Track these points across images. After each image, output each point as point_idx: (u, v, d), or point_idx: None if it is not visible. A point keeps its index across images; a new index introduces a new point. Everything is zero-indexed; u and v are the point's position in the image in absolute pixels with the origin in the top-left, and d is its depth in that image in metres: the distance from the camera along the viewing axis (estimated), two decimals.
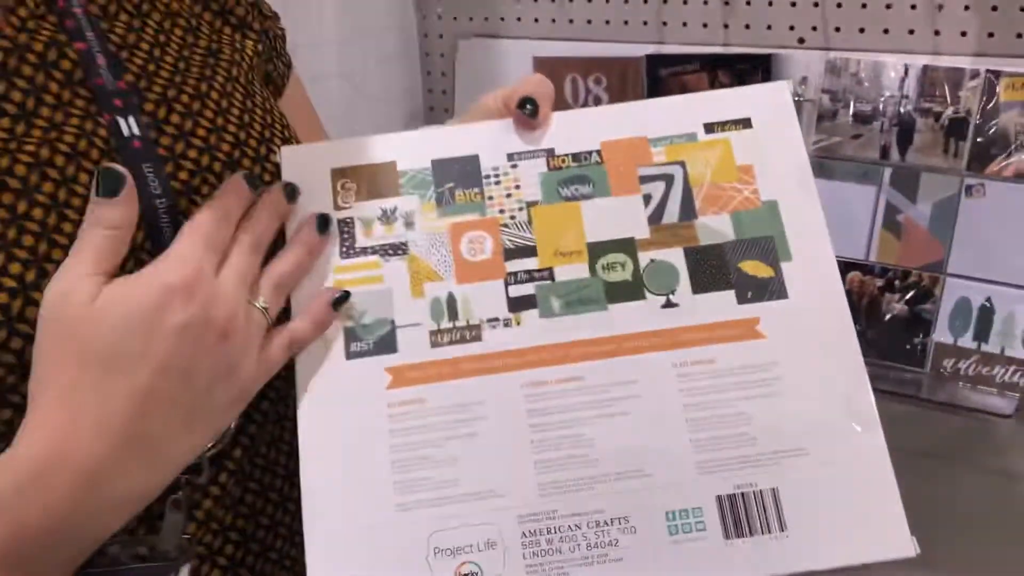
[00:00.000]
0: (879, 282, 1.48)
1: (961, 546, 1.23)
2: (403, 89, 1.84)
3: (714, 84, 1.55)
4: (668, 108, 0.83)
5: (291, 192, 0.77)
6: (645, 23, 1.61)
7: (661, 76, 1.59)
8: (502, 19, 1.77)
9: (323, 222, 0.77)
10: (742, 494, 0.73)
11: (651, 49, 1.60)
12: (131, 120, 0.73)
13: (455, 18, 1.82)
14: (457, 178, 0.80)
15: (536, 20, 1.73)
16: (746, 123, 0.82)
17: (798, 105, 1.41)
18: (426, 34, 1.85)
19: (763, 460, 0.73)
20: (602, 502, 0.72)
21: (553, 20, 1.71)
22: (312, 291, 0.77)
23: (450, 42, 1.82)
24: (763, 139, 0.81)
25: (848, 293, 1.40)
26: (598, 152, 0.81)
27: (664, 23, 1.59)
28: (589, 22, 1.67)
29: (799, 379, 0.75)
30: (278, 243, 0.77)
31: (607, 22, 1.65)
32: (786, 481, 0.73)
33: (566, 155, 0.81)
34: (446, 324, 0.76)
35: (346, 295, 0.76)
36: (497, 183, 0.80)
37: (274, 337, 0.73)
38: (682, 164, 0.81)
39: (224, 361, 0.69)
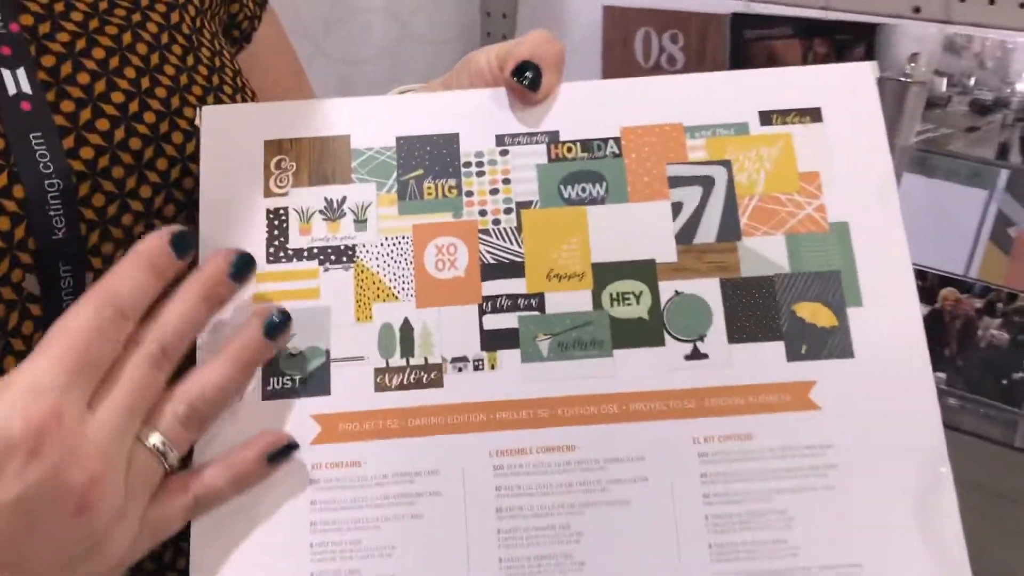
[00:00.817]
0: (978, 303, 1.32)
1: None
2: (458, 30, 1.70)
3: (807, 56, 1.40)
4: (713, 87, 0.67)
5: (240, 265, 0.58)
6: None
7: (746, 39, 1.45)
8: None
9: (272, 327, 0.59)
10: None
11: (738, 6, 1.46)
12: (20, 74, 0.60)
13: None
14: (428, 164, 0.65)
15: None
16: (815, 115, 0.66)
17: (904, 87, 1.24)
18: None
19: None
20: None
21: None
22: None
23: None
24: (836, 138, 0.65)
25: (939, 312, 1.26)
26: (616, 140, 0.65)
27: None
28: None
29: (860, 469, 0.60)
30: None
31: None
32: None
33: (574, 142, 0.65)
34: (397, 361, 0.62)
35: (288, 450, 0.59)
36: (480, 174, 0.65)
37: (174, 491, 0.57)
38: (726, 164, 0.65)
39: (80, 539, 0.52)
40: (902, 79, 1.22)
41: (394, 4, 1.57)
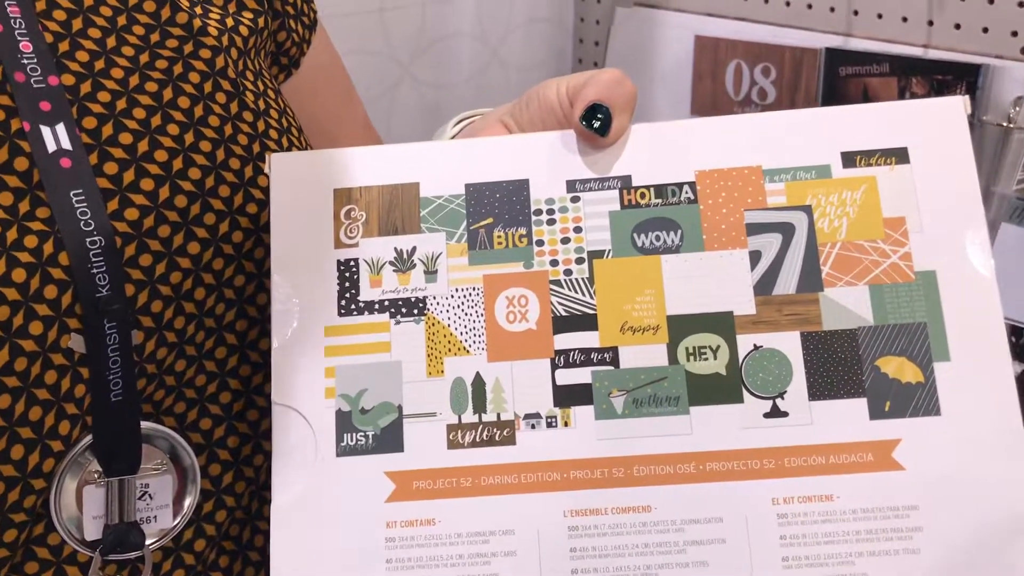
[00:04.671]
0: None
1: None
2: (549, 56, 1.65)
3: (904, 95, 1.33)
4: (793, 125, 0.63)
5: None
6: (832, 9, 1.39)
7: (840, 75, 1.38)
8: None
9: None
10: None
11: (835, 41, 1.40)
12: (60, 130, 0.58)
13: None
14: (498, 212, 0.63)
15: None
16: (901, 156, 0.61)
17: (1007, 132, 1.16)
18: None
19: None
20: None
21: None
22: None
23: (608, 8, 1.63)
24: (923, 181, 0.61)
25: None
26: (691, 185, 0.62)
27: (855, 12, 1.37)
28: (766, 1, 1.49)
29: (947, 532, 0.57)
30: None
31: (787, 3, 1.44)
32: None
33: (647, 187, 0.62)
34: (470, 417, 0.60)
35: None
36: (551, 222, 0.62)
37: None
38: (807, 210, 0.61)
39: None
40: (1005, 124, 1.15)
41: (484, 30, 1.53)
